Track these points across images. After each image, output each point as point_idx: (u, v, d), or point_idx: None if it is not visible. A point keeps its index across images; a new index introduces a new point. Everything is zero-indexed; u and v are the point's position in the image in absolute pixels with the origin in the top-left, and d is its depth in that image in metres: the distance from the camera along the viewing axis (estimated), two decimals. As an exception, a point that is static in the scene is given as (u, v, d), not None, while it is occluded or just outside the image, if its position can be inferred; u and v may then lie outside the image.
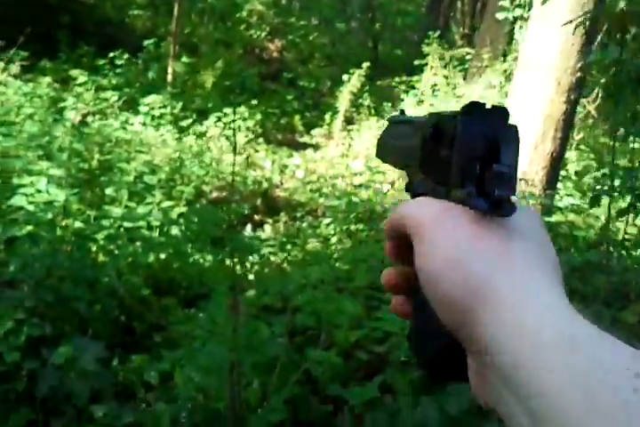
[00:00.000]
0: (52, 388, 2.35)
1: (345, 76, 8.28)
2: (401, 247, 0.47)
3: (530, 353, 0.34)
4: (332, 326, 2.84)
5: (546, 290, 0.37)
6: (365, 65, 8.20)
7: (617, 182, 2.72)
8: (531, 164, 5.36)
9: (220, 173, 5.49)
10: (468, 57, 10.49)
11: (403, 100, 8.50)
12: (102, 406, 2.32)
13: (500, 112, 0.42)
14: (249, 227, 4.70)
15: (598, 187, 2.70)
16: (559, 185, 6.00)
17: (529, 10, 6.51)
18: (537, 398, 0.32)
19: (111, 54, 7.70)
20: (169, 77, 8.45)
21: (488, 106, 0.42)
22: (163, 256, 3.69)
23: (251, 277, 3.89)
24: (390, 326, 3.11)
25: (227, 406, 2.09)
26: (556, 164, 5.39)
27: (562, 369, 0.32)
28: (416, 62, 9.13)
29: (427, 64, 8.95)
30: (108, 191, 4.15)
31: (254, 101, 7.88)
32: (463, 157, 0.41)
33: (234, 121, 6.60)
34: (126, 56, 7.82)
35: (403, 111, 0.61)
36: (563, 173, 6.36)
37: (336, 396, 2.37)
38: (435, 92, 8.54)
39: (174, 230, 3.85)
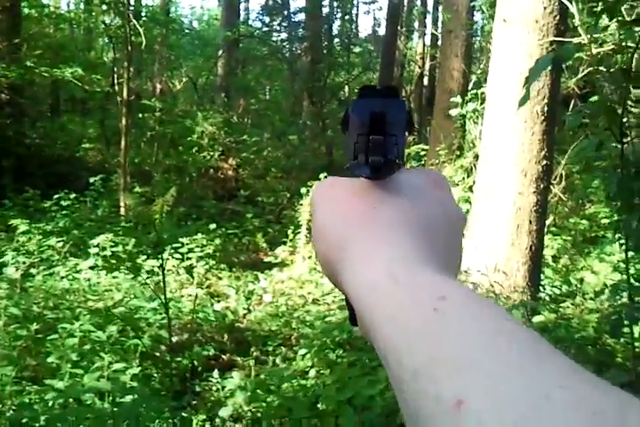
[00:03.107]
0: None
1: (303, 189, 8.07)
2: None
3: (365, 298, 0.38)
4: None
5: (393, 247, 0.40)
6: (322, 176, 8.03)
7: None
8: (509, 260, 5.02)
9: (180, 312, 5.03)
10: (422, 153, 10.46)
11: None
12: None
13: (389, 89, 0.45)
14: (216, 373, 4.19)
15: (614, 317, 2.31)
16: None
17: (482, 103, 6.44)
18: (372, 332, 0.36)
19: (56, 196, 7.38)
20: (122, 211, 8.15)
21: (379, 87, 0.45)
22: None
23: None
24: None
25: None
26: (537, 258, 5.06)
27: (384, 305, 0.36)
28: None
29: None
30: (50, 359, 3.65)
31: (213, 225, 7.57)
32: (354, 134, 0.44)
33: (191, 251, 6.24)
34: (73, 196, 7.51)
35: None
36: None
37: None
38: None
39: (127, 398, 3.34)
